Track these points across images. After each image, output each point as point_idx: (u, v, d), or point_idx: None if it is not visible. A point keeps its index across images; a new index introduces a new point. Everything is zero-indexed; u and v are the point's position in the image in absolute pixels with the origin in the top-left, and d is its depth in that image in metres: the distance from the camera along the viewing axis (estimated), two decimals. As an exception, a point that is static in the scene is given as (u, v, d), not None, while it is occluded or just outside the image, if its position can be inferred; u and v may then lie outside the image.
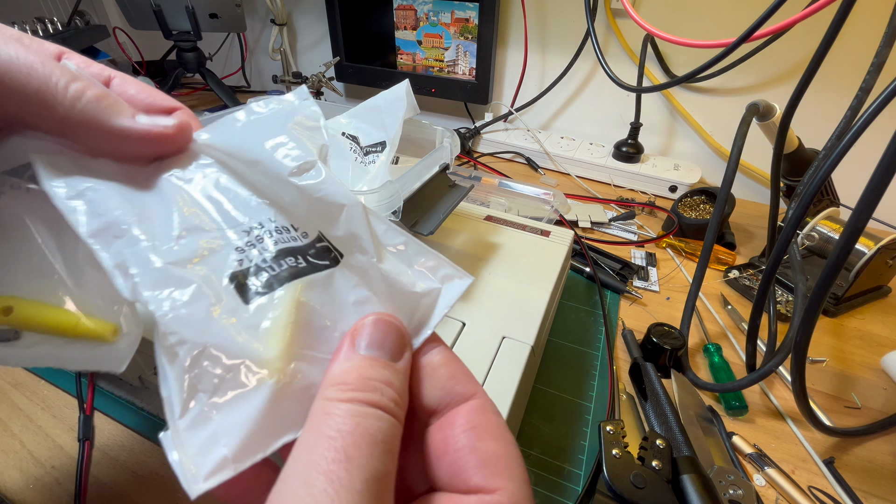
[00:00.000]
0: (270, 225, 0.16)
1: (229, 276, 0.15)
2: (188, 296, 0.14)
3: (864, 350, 0.47)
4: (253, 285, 0.15)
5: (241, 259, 0.15)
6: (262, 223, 0.16)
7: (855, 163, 0.45)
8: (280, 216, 0.16)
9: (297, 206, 0.17)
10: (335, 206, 0.16)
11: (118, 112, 0.16)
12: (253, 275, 0.15)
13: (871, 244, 0.48)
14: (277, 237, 0.16)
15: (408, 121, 0.40)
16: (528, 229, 0.47)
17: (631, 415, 0.38)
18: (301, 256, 0.16)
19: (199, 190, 0.16)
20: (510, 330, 0.34)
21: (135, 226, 0.15)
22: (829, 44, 0.36)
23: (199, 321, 0.14)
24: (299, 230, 0.16)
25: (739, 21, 0.69)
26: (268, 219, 0.16)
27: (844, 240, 0.28)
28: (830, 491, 0.34)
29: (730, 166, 0.41)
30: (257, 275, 0.15)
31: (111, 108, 0.16)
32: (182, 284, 0.14)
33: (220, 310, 0.14)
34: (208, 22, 0.84)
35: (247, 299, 0.14)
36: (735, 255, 0.60)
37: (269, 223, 0.16)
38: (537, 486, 0.33)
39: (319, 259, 0.16)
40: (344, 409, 0.12)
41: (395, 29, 0.87)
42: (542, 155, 0.83)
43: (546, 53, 0.85)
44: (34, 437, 0.34)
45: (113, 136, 0.16)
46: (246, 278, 0.15)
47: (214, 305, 0.14)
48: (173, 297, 0.14)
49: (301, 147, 0.17)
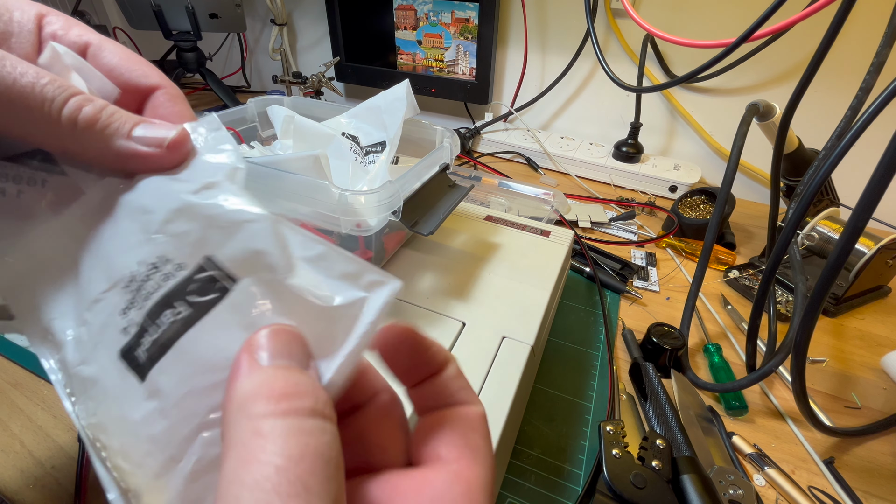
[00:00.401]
0: (142, 268, 0.14)
1: (119, 352, 0.13)
2: (96, 401, 0.14)
3: (864, 350, 0.47)
4: (140, 358, 0.13)
5: (126, 326, 0.14)
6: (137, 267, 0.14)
7: (855, 163, 0.46)
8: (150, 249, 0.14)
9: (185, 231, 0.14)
10: (232, 224, 0.14)
11: (112, 134, 0.15)
12: (137, 345, 0.13)
13: (871, 244, 0.48)
14: (151, 283, 0.14)
15: (408, 121, 0.40)
16: (528, 229, 0.47)
17: (631, 415, 0.38)
18: (181, 300, 0.13)
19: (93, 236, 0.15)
20: (510, 330, 0.34)
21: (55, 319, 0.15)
22: (829, 44, 0.36)
23: (108, 424, 0.13)
24: (172, 261, 0.14)
25: (739, 21, 0.69)
26: (138, 261, 0.14)
27: (844, 240, 0.28)
28: (830, 491, 0.34)
29: (730, 166, 0.41)
30: (140, 343, 0.13)
31: (105, 128, 0.15)
32: (87, 387, 0.14)
33: (123, 403, 0.13)
34: (208, 22, 0.84)
35: (140, 376, 0.13)
36: (735, 255, 0.60)
37: (141, 267, 0.14)
38: (537, 486, 0.33)
39: (202, 295, 0.13)
40: (282, 425, 0.10)
41: (395, 29, 0.87)
42: (542, 155, 0.83)
43: (546, 53, 0.85)
44: (34, 437, 0.34)
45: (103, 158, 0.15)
46: (133, 351, 0.13)
47: (117, 400, 0.13)
48: (87, 404, 0.14)
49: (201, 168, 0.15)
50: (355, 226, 0.31)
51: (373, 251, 0.37)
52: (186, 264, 0.14)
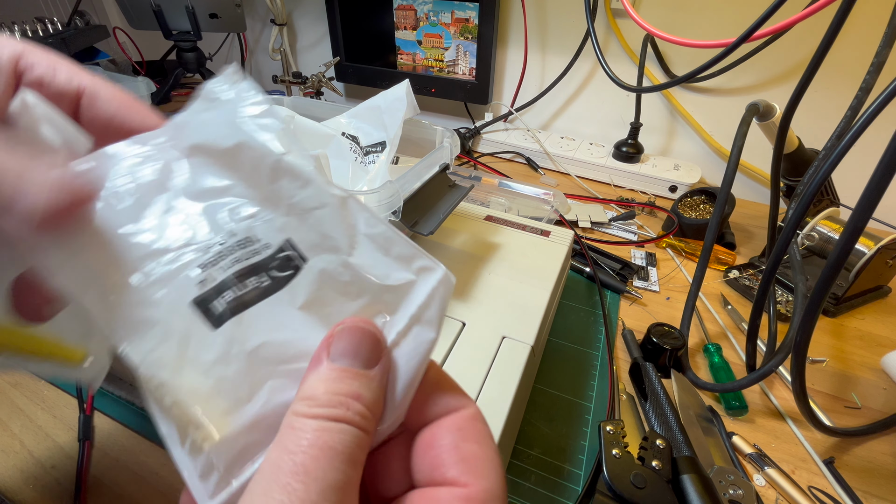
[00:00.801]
0: (231, 240, 0.16)
1: (193, 300, 0.15)
2: (156, 339, 0.14)
3: (864, 350, 0.47)
4: (217, 309, 0.15)
5: (203, 280, 0.15)
6: (223, 239, 0.16)
7: (855, 163, 0.45)
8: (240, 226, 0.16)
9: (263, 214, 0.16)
10: (304, 211, 0.16)
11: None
12: (216, 298, 0.15)
13: (871, 244, 0.48)
14: (240, 253, 0.16)
15: (408, 121, 0.40)
16: (528, 229, 0.47)
17: (631, 415, 0.38)
18: (264, 272, 0.16)
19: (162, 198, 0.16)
20: (510, 330, 0.34)
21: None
22: (829, 44, 0.36)
23: (170, 362, 0.14)
24: (261, 241, 0.16)
25: (739, 21, 0.69)
26: (229, 232, 0.16)
27: (844, 240, 0.28)
28: (830, 491, 0.34)
29: (730, 166, 0.41)
30: (221, 296, 0.15)
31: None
32: (148, 326, 0.14)
33: (189, 344, 0.14)
34: (208, 22, 0.84)
35: (214, 324, 0.14)
36: (735, 255, 0.60)
37: (231, 238, 0.16)
38: (537, 486, 0.33)
39: (282, 270, 0.16)
40: (309, 424, 0.13)
41: (395, 29, 0.87)
42: (542, 155, 0.83)
43: (546, 53, 0.85)
44: (34, 437, 0.34)
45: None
46: (209, 302, 0.15)
47: (183, 341, 0.14)
48: (142, 344, 0.14)
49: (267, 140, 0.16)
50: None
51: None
52: (271, 244, 0.16)
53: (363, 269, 0.16)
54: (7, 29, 0.70)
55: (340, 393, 0.13)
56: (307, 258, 0.16)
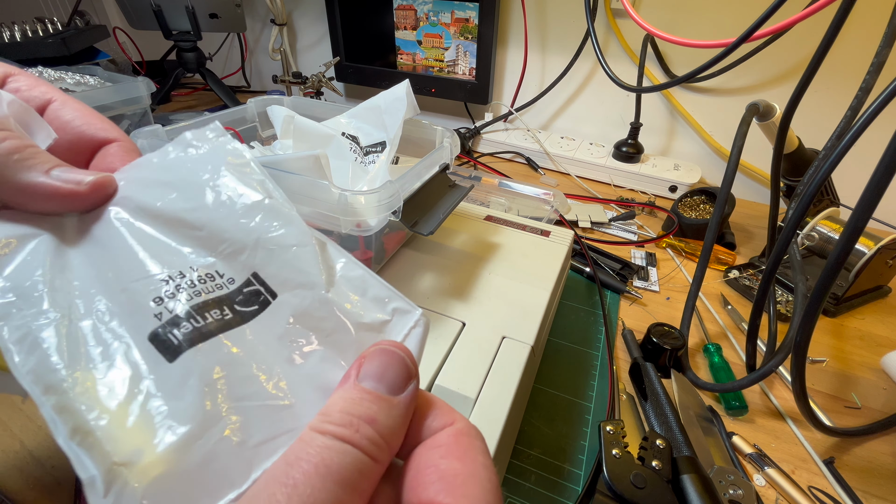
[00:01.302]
0: (192, 274, 0.15)
1: (149, 333, 0.14)
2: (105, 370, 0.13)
3: (864, 350, 0.47)
4: (173, 341, 0.14)
5: (159, 312, 0.14)
6: (182, 272, 0.15)
7: (855, 163, 0.46)
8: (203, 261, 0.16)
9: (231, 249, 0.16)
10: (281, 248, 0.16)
11: (30, 167, 0.15)
12: (172, 329, 0.14)
13: (871, 244, 0.48)
14: (200, 287, 0.15)
15: (408, 121, 0.40)
16: (528, 229, 0.47)
17: (631, 415, 0.38)
18: (227, 307, 0.15)
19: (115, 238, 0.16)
20: (510, 330, 0.34)
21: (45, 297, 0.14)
22: (829, 44, 0.36)
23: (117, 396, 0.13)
24: (225, 276, 0.16)
25: (739, 21, 0.69)
26: (189, 267, 0.15)
27: (844, 240, 0.28)
28: (830, 491, 0.34)
29: (730, 166, 0.41)
30: (178, 328, 0.14)
31: (22, 162, 0.15)
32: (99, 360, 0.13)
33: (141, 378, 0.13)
34: (208, 22, 0.84)
35: (169, 356, 0.14)
36: (735, 255, 0.60)
37: (191, 272, 0.15)
38: (537, 486, 0.33)
39: (247, 306, 0.15)
40: (315, 440, 0.12)
41: (395, 29, 0.87)
42: (542, 155, 0.83)
43: (546, 53, 0.85)
44: (34, 437, 0.34)
45: (19, 191, 0.15)
46: (165, 334, 0.14)
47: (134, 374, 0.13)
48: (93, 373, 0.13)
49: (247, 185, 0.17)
50: (355, 226, 0.31)
51: (373, 251, 0.37)
52: (235, 279, 0.16)
53: (338, 306, 0.16)
54: (7, 29, 0.70)
55: (354, 414, 0.13)
56: (276, 293, 0.16)
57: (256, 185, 0.17)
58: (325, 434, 0.13)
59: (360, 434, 0.13)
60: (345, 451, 0.12)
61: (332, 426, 0.13)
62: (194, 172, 0.17)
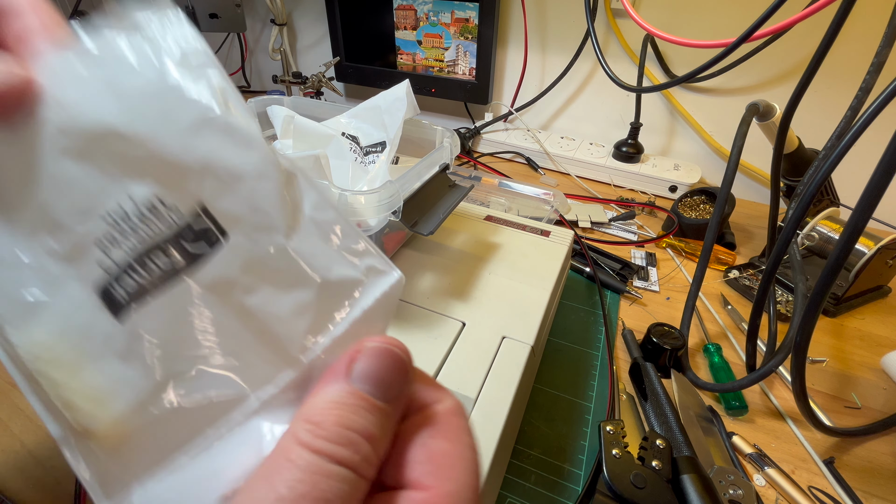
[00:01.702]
0: (129, 205, 0.12)
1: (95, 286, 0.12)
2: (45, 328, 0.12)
3: (864, 350, 0.47)
4: (121, 297, 0.12)
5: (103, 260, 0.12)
6: (121, 203, 0.12)
7: (855, 163, 0.45)
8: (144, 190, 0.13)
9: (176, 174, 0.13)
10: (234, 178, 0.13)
11: None
12: (118, 285, 0.12)
13: (871, 244, 0.48)
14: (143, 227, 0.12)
15: (408, 121, 0.40)
16: (528, 229, 0.47)
17: (631, 415, 0.38)
18: (174, 248, 0.13)
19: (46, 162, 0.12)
20: (510, 330, 0.34)
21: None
22: (829, 44, 0.36)
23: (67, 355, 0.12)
24: (168, 205, 0.13)
25: (739, 21, 0.68)
26: (127, 197, 0.12)
27: (844, 240, 0.28)
28: (830, 491, 0.34)
29: (730, 166, 0.41)
30: (122, 283, 0.12)
31: None
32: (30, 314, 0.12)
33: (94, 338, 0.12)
34: (208, 22, 0.84)
35: (119, 317, 0.12)
36: (735, 255, 0.60)
37: (129, 203, 0.12)
38: (537, 486, 0.33)
39: (194, 248, 0.13)
40: (305, 459, 0.10)
41: (395, 29, 0.87)
42: (542, 155, 0.83)
43: (546, 53, 0.85)
44: (34, 437, 0.34)
45: None
46: (113, 288, 0.12)
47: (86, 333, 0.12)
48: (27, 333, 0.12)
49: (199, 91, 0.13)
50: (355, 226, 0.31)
51: (373, 251, 0.37)
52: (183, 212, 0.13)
53: (302, 256, 0.13)
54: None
55: (353, 428, 0.11)
56: (227, 231, 0.13)
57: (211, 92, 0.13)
58: (320, 454, 0.11)
59: (360, 455, 0.11)
60: (343, 478, 0.11)
61: (326, 443, 0.11)
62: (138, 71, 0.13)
